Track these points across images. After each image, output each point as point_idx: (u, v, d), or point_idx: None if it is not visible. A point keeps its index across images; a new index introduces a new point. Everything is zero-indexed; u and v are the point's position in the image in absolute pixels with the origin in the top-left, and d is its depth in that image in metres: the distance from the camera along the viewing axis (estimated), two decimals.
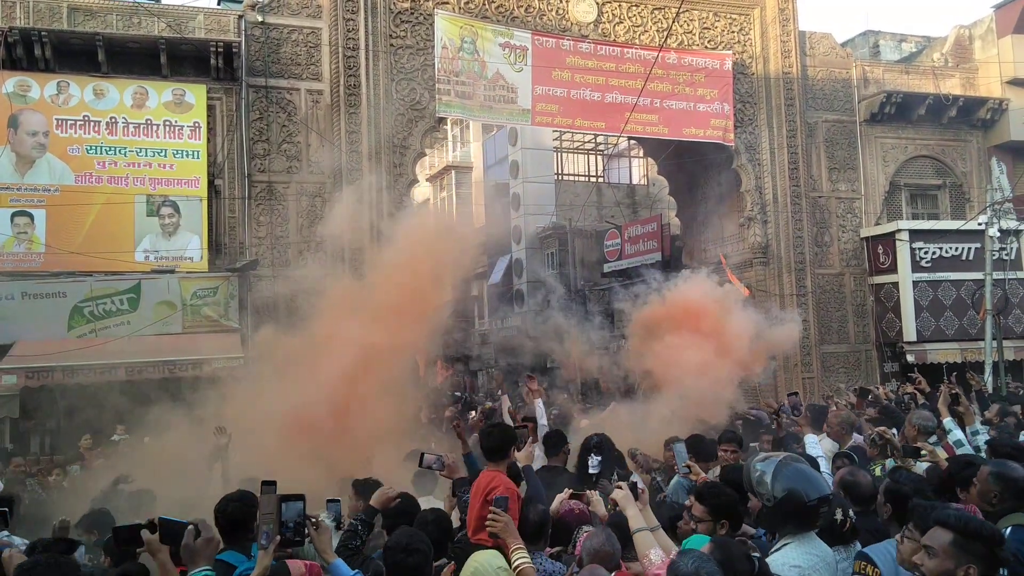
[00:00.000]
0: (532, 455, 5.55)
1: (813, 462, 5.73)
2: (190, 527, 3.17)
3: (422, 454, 5.08)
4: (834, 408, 9.12)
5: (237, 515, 3.96)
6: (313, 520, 3.48)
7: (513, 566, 3.70)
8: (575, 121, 17.63)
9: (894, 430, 6.13)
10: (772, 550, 3.65)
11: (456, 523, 4.76)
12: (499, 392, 10.71)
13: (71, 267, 13.89)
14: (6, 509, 5.50)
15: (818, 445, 6.40)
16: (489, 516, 3.97)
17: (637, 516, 3.96)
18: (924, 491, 4.27)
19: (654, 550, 3.77)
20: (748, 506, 4.09)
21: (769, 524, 3.80)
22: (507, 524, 3.91)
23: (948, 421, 6.04)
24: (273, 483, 3.34)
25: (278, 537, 3.25)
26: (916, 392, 10.48)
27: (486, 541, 4.21)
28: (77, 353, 12.94)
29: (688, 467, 5.66)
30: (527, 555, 3.86)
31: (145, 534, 3.28)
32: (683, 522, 4.42)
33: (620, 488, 4.14)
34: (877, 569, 3.59)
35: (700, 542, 3.77)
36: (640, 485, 4.10)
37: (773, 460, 3.76)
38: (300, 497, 3.41)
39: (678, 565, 2.87)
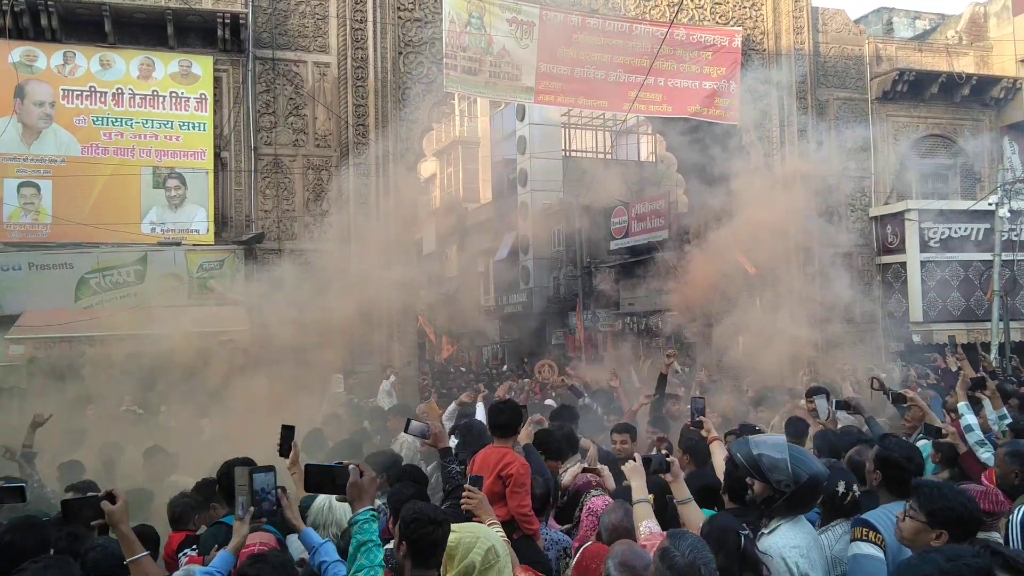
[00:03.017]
0: (531, 435, 5.64)
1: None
2: (352, 467, 3.14)
3: (408, 420, 5.10)
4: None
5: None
6: (283, 489, 3.53)
7: None
8: (578, 99, 17.54)
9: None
10: (766, 532, 3.68)
11: (440, 493, 4.84)
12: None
13: (78, 238, 13.98)
14: (23, 484, 5.63)
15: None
16: (464, 494, 4.06)
17: (640, 488, 4.05)
18: (914, 459, 4.27)
19: (647, 522, 3.85)
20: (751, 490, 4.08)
21: (787, 510, 3.71)
22: (481, 501, 4.02)
23: (962, 405, 5.98)
24: (246, 460, 3.42)
25: (252, 508, 3.32)
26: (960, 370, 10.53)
27: (499, 516, 4.29)
28: (84, 324, 13.05)
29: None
30: (501, 530, 3.94)
31: (106, 505, 3.22)
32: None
33: (633, 460, 4.23)
34: (880, 535, 3.60)
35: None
36: (672, 458, 4.16)
37: (781, 444, 3.76)
38: (270, 468, 3.47)
39: (672, 553, 2.82)
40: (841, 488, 4.09)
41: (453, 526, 3.46)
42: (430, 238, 40.53)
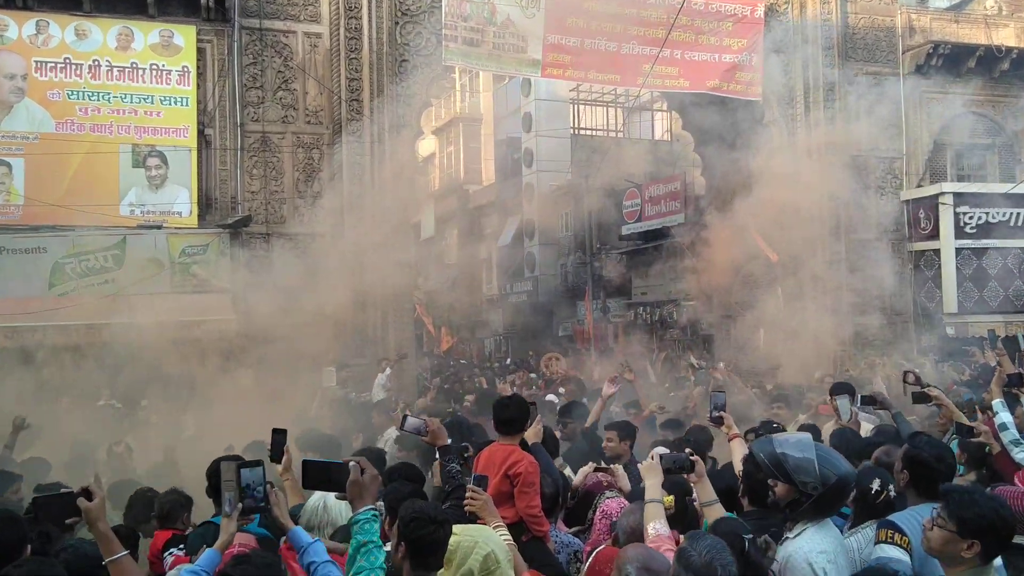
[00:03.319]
0: (539, 432, 5.62)
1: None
2: (353, 464, 3.16)
3: (404, 416, 5.12)
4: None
5: None
6: (272, 484, 3.57)
7: None
8: (588, 73, 17.41)
9: None
10: (791, 536, 3.65)
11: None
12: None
13: (52, 221, 13.94)
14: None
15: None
16: (468, 495, 4.07)
17: (654, 487, 4.05)
18: (945, 459, 4.23)
19: (655, 523, 3.86)
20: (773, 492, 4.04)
21: (814, 513, 3.68)
22: (486, 503, 4.04)
23: (998, 403, 6.01)
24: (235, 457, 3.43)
25: (240, 504, 3.35)
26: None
27: (507, 518, 4.31)
28: (58, 312, 13.02)
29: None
30: (508, 533, 3.99)
31: (82, 502, 3.19)
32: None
33: (651, 458, 4.22)
34: (906, 537, 3.62)
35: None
36: (696, 457, 4.16)
37: (808, 443, 3.75)
38: (259, 463, 3.50)
39: (689, 554, 2.89)
40: (876, 486, 4.09)
41: (454, 528, 3.46)
42: (429, 222, 40.52)
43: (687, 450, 4.27)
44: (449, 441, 4.89)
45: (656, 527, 3.86)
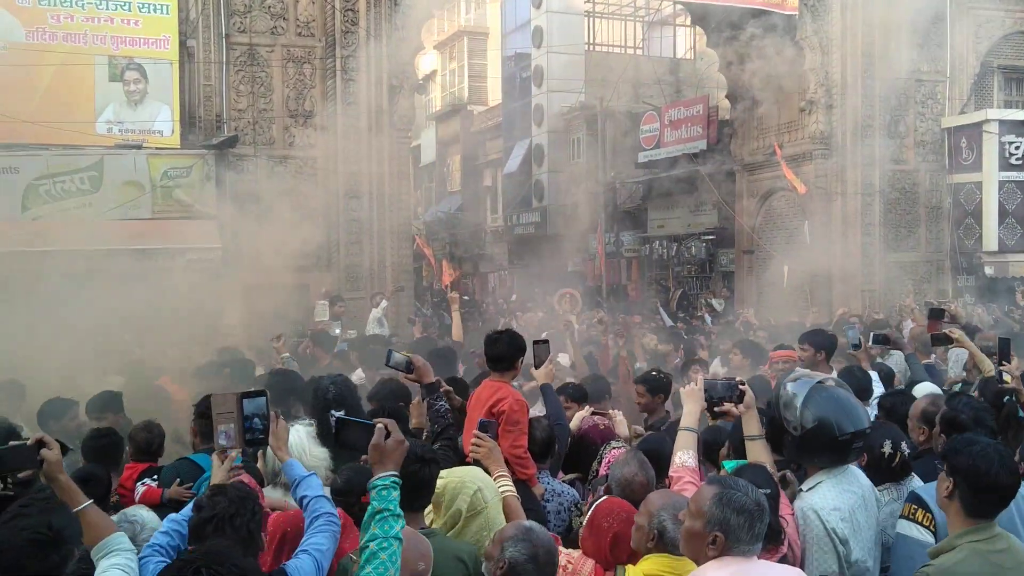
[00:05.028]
0: (552, 373, 5.65)
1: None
2: (379, 426, 3.09)
3: (389, 351, 5.10)
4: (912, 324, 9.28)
5: None
6: (276, 413, 3.58)
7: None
8: None
9: None
10: (805, 488, 3.72)
11: (426, 432, 4.91)
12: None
13: (23, 139, 13.86)
14: None
15: None
16: (472, 441, 4.13)
17: (692, 414, 4.10)
18: (984, 420, 4.28)
19: (683, 452, 3.93)
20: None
21: (796, 456, 3.84)
22: (491, 450, 4.09)
23: None
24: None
25: (245, 435, 3.37)
26: None
27: None
28: (34, 238, 13.04)
29: None
30: (511, 483, 4.05)
31: (47, 453, 3.12)
32: None
33: (695, 383, 4.25)
34: (929, 514, 3.62)
35: (730, 467, 3.91)
36: (746, 388, 4.08)
37: (806, 382, 3.78)
38: (262, 393, 3.50)
39: (734, 495, 2.88)
40: (887, 448, 4.12)
41: (441, 472, 3.56)
42: (429, 146, 40.34)
43: (737, 378, 4.23)
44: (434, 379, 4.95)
45: (683, 457, 3.94)
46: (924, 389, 5.86)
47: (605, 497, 3.81)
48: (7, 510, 2.96)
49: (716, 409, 4.09)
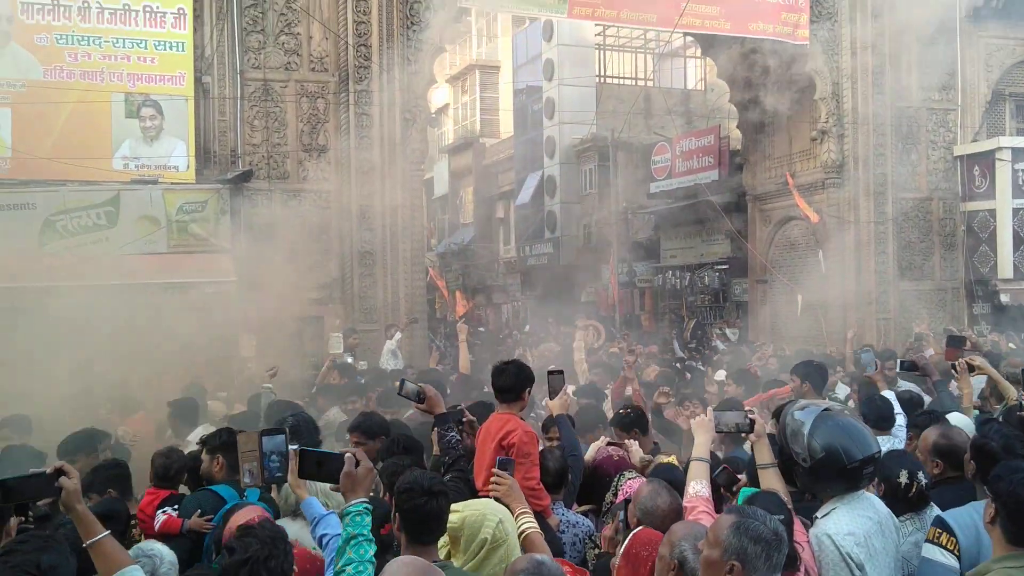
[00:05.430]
0: (567, 404, 5.64)
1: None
2: (348, 455, 3.23)
3: (402, 380, 5.14)
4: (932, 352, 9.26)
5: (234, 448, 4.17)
6: (296, 451, 3.61)
7: (518, 532, 3.86)
8: (620, 13, 17.24)
9: None
10: (820, 515, 3.71)
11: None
12: None
13: (41, 175, 14.00)
14: None
15: None
16: (492, 479, 4.14)
17: (703, 445, 4.13)
18: (1015, 448, 4.24)
19: (696, 482, 3.94)
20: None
21: (808, 486, 3.85)
22: (511, 487, 4.10)
23: None
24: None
25: (265, 474, 3.49)
26: None
27: None
28: (51, 273, 13.15)
29: None
30: (533, 520, 4.04)
31: (64, 482, 3.10)
32: None
33: (705, 414, 4.28)
34: (953, 538, 3.61)
35: (745, 494, 3.91)
36: (756, 416, 4.13)
37: (812, 410, 3.77)
38: (281, 431, 3.59)
39: (752, 525, 2.88)
40: (904, 479, 4.11)
41: (453, 505, 3.53)
42: (442, 178, 40.56)
43: (746, 408, 4.26)
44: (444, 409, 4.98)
45: (696, 487, 3.94)
46: (956, 420, 5.68)
47: (641, 528, 3.81)
48: (2, 545, 2.98)
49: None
